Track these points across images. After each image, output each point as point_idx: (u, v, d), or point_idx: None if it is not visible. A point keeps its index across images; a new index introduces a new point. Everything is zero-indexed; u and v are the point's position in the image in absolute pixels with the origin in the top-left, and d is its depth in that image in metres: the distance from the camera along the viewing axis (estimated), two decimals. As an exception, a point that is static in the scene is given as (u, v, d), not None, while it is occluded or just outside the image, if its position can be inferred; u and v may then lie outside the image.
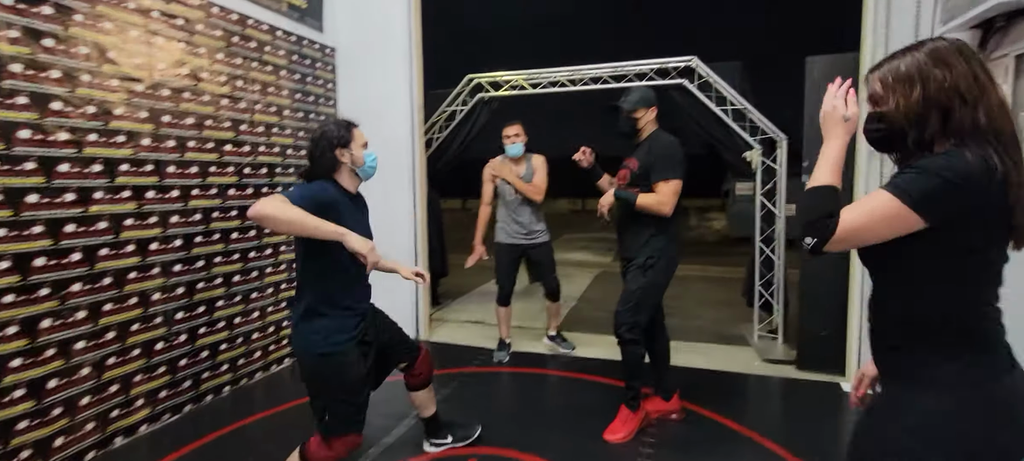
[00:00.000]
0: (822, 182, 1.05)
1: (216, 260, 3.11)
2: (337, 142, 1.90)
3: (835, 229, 0.97)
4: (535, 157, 3.65)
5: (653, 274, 2.55)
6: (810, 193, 1.05)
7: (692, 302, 5.65)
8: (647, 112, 2.63)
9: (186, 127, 2.91)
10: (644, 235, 2.57)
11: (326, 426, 1.86)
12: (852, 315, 3.19)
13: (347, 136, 1.93)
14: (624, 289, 2.63)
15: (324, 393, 1.86)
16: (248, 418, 2.88)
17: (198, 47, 2.97)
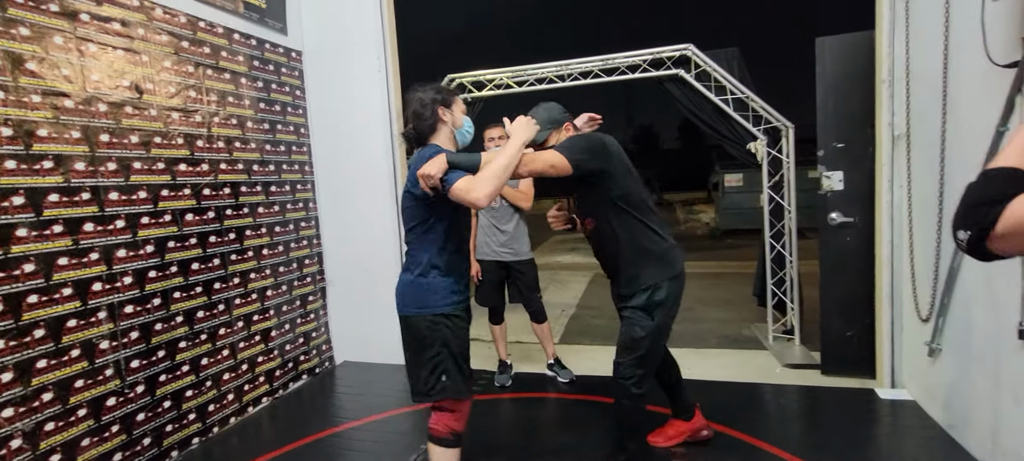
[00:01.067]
0: (1002, 163, 0.76)
1: (176, 295, 2.73)
2: (441, 101, 1.88)
3: (996, 219, 0.70)
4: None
5: (661, 315, 2.13)
6: (982, 177, 0.76)
7: (694, 302, 5.40)
8: (558, 133, 2.22)
9: (130, 146, 2.52)
10: (636, 265, 2.13)
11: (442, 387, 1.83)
12: (881, 312, 2.95)
13: (449, 97, 1.92)
14: (624, 334, 2.16)
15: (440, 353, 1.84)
16: None
17: (140, 54, 2.59)
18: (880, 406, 2.81)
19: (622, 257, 2.13)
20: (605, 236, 2.16)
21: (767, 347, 3.80)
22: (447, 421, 1.89)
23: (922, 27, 2.55)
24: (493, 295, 3.35)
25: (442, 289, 1.85)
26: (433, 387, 1.84)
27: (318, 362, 3.80)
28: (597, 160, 2.00)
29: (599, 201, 2.10)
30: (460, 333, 1.90)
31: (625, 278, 2.16)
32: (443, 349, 1.83)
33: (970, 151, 2.16)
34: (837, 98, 3.09)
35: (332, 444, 2.78)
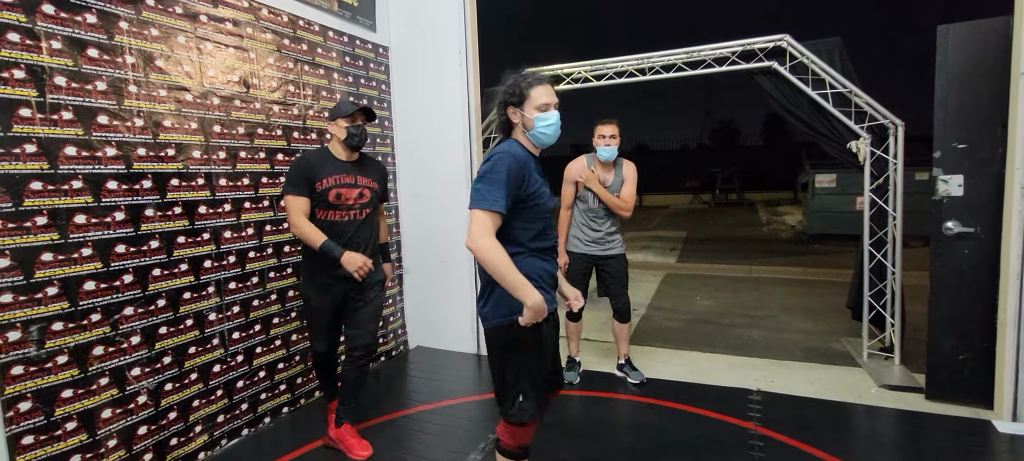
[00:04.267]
0: None
1: (271, 275, 2.95)
2: (507, 100, 1.74)
3: None
4: (626, 164, 3.25)
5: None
6: None
7: (777, 310, 5.08)
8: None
9: (237, 136, 2.75)
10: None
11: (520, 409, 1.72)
12: (1005, 334, 2.62)
13: (520, 94, 1.71)
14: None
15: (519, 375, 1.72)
16: (308, 445, 2.70)
17: (247, 51, 2.81)
18: (997, 440, 2.50)
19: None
20: None
21: (861, 364, 3.50)
22: (517, 436, 1.82)
23: (1075, 11, 2.20)
24: (577, 287, 3.25)
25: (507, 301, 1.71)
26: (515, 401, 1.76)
27: (394, 345, 3.98)
28: None
29: None
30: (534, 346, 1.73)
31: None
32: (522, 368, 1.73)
33: None
34: (961, 93, 2.76)
35: (405, 425, 2.90)
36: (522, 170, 1.65)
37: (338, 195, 2.41)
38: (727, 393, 3.12)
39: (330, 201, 2.40)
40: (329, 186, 2.40)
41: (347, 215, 2.45)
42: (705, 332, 4.46)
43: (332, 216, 2.43)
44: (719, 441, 2.58)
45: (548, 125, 1.71)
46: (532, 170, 1.72)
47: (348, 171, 2.46)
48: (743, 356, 3.82)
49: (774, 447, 2.50)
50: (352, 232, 2.46)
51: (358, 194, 2.47)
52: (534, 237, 1.73)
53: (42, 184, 1.99)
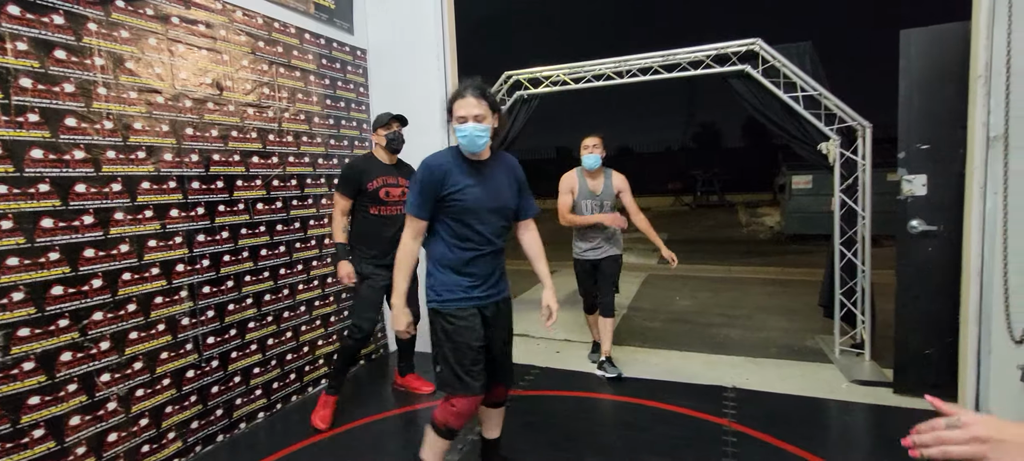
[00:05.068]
0: None
1: (246, 279, 2.93)
2: (447, 110, 1.97)
3: None
4: (615, 174, 3.50)
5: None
6: None
7: (754, 309, 5.17)
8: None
9: (210, 139, 2.73)
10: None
11: (437, 378, 2.01)
12: (967, 330, 2.70)
13: (450, 107, 1.96)
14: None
15: (434, 346, 2.02)
16: (285, 449, 2.67)
17: (221, 53, 2.79)
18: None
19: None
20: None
21: (833, 361, 3.58)
22: (444, 412, 1.99)
23: (1026, 17, 2.30)
24: (587, 287, 3.62)
25: (436, 286, 2.00)
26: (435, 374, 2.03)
27: (374, 348, 3.96)
28: None
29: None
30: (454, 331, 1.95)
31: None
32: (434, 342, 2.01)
33: (1081, 156, 1.93)
34: (923, 95, 2.85)
35: (385, 427, 2.89)
36: (435, 174, 1.90)
37: (387, 193, 2.90)
38: (703, 391, 3.17)
39: (380, 198, 2.89)
40: (379, 186, 2.88)
41: (393, 210, 2.93)
42: (683, 331, 4.52)
43: (383, 211, 2.92)
44: (694, 438, 2.62)
45: (463, 136, 1.91)
46: (454, 172, 1.92)
47: (391, 172, 2.95)
48: (720, 354, 3.88)
49: (747, 443, 2.55)
50: (401, 223, 2.77)
51: (401, 192, 2.94)
52: (454, 234, 1.96)
53: (7, 187, 1.95)
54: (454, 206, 1.91)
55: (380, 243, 2.89)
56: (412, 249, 1.98)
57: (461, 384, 1.94)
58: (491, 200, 1.96)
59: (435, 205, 1.92)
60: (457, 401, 1.95)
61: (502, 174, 2.04)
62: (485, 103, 1.90)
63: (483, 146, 1.93)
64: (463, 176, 1.93)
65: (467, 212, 1.93)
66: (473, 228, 1.94)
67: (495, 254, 2.03)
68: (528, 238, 2.20)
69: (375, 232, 2.92)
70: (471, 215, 1.93)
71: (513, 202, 2.07)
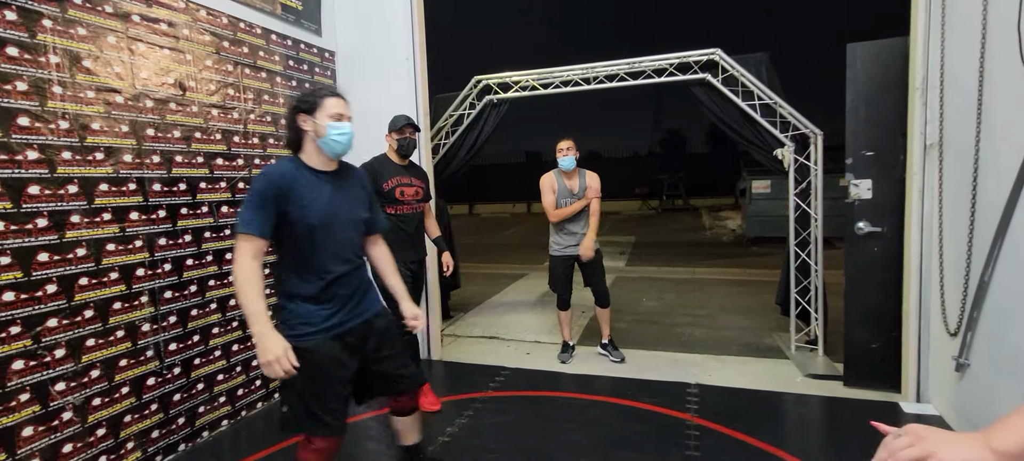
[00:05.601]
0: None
1: (210, 283, 2.86)
2: (299, 106, 1.77)
3: None
4: (588, 173, 3.70)
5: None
6: None
7: (717, 309, 5.35)
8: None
9: (173, 140, 2.66)
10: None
11: (282, 418, 1.78)
12: (908, 324, 2.89)
13: (314, 102, 1.75)
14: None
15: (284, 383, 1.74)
16: (249, 457, 2.62)
17: (184, 53, 2.73)
18: (903, 420, 2.74)
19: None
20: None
21: (789, 356, 3.75)
22: (305, 454, 1.82)
23: (958, 33, 2.49)
24: (563, 284, 3.78)
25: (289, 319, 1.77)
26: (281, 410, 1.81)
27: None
28: None
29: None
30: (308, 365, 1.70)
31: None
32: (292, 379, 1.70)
33: (1005, 162, 2.11)
34: (868, 105, 3.04)
35: (350, 432, 2.87)
36: (277, 187, 1.66)
37: (401, 192, 2.93)
38: (667, 387, 3.27)
39: (396, 198, 2.91)
40: (394, 185, 2.91)
41: (408, 208, 2.97)
42: (650, 331, 4.64)
43: (400, 210, 2.94)
44: (658, 433, 2.71)
45: (341, 134, 1.75)
46: (300, 184, 1.70)
47: (404, 173, 2.98)
48: (684, 353, 4.01)
49: (708, 436, 2.65)
50: (416, 222, 3.00)
51: (414, 191, 2.98)
52: (305, 257, 1.73)
53: (-48, 189, 1.87)
54: (301, 223, 1.69)
55: (400, 241, 2.91)
56: (252, 269, 1.63)
57: (319, 424, 1.75)
58: (344, 214, 1.81)
59: (278, 224, 1.68)
60: (317, 441, 1.78)
61: (352, 186, 1.90)
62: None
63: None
64: (311, 188, 1.72)
65: (318, 229, 1.72)
66: (326, 247, 1.75)
67: (355, 272, 1.86)
68: (378, 252, 2.08)
69: (393, 231, 2.92)
70: (323, 232, 1.73)
71: (365, 215, 1.93)
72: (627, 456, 2.50)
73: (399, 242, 2.96)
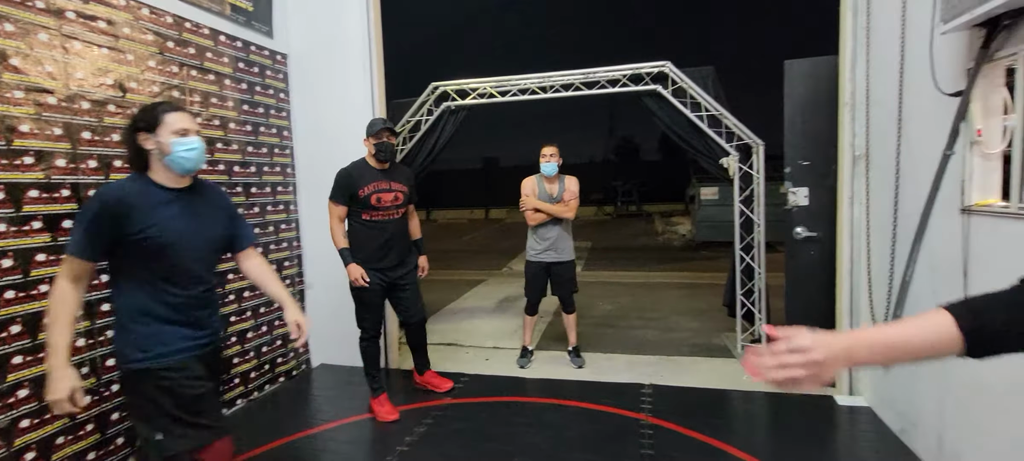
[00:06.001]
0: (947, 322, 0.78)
1: (152, 295, 2.72)
2: (138, 124, 1.68)
3: None
4: (568, 178, 3.78)
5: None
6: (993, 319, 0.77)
7: (669, 311, 5.55)
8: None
9: (112, 144, 2.53)
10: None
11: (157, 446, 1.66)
12: (841, 323, 3.11)
13: (153, 119, 1.67)
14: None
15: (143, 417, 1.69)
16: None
17: (125, 53, 2.60)
18: (838, 412, 2.96)
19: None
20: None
21: (736, 356, 3.94)
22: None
23: (880, 54, 2.71)
24: (533, 289, 3.84)
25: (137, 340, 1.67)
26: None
27: (295, 364, 3.81)
28: None
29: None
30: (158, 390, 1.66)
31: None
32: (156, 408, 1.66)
33: (921, 173, 2.31)
34: (803, 118, 3.25)
35: (305, 446, 2.80)
36: (114, 209, 1.58)
37: (378, 199, 2.96)
38: (622, 389, 3.37)
39: (372, 204, 2.95)
40: (370, 192, 2.94)
41: (386, 215, 3.01)
42: (606, 334, 4.76)
43: (375, 216, 2.99)
44: (614, 433, 2.79)
45: (189, 150, 1.68)
46: (144, 205, 1.63)
47: (382, 178, 2.99)
48: (639, 354, 4.13)
49: (661, 434, 2.75)
50: (392, 229, 3.03)
51: (393, 197, 3.00)
52: (153, 270, 1.67)
53: None
54: (150, 242, 1.62)
55: (374, 248, 2.99)
56: (71, 297, 1.57)
57: (205, 432, 1.71)
58: (197, 232, 1.74)
59: (122, 246, 1.61)
60: (207, 453, 1.72)
61: (207, 202, 1.83)
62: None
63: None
64: (158, 207, 1.66)
65: (169, 248, 1.66)
66: (180, 267, 1.69)
67: (208, 291, 1.81)
68: (252, 265, 1.99)
69: (368, 237, 3.02)
70: (175, 252, 1.67)
71: (226, 231, 1.88)
72: (584, 457, 2.56)
73: (373, 250, 3.01)
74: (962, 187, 2.03)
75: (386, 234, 3.00)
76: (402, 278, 3.12)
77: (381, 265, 3.02)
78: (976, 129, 1.96)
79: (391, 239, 3.02)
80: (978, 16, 1.73)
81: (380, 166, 3.02)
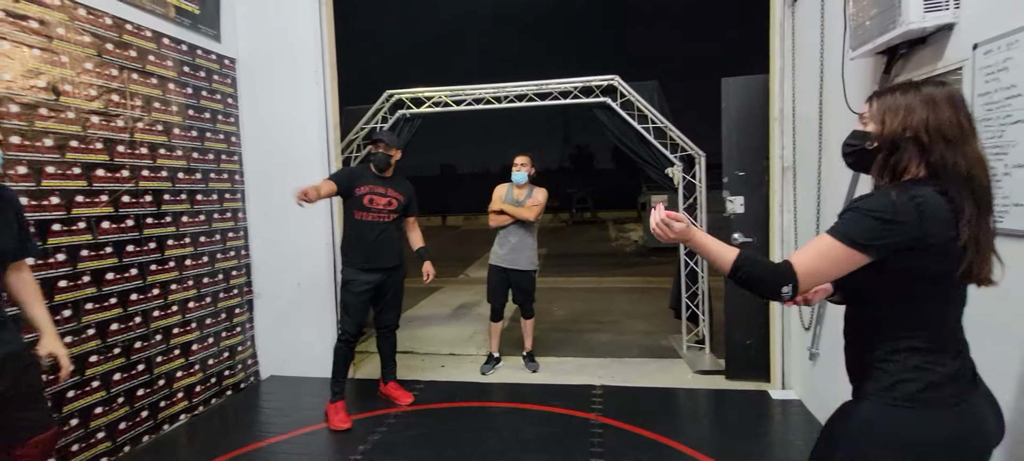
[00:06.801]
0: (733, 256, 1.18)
1: (87, 306, 2.60)
2: None
3: (795, 276, 1.09)
4: (537, 189, 3.88)
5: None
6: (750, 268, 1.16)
7: (621, 315, 5.74)
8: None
9: (43, 149, 2.41)
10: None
11: None
12: (774, 323, 3.34)
13: None
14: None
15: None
16: None
17: (58, 54, 2.49)
18: (772, 406, 3.17)
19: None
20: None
21: (681, 356, 4.13)
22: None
23: (804, 74, 2.96)
24: (496, 295, 3.90)
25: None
26: None
27: (243, 377, 3.70)
28: None
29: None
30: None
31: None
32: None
33: (839, 185, 2.54)
34: (739, 132, 3.48)
35: (253, 458, 2.74)
36: None
37: (371, 200, 3.10)
38: (575, 390, 3.48)
39: (364, 204, 3.09)
40: (364, 192, 3.09)
41: (376, 217, 3.12)
42: (560, 339, 4.87)
43: (364, 217, 3.10)
44: (566, 433, 2.88)
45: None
46: None
47: (380, 183, 3.15)
48: (591, 357, 4.26)
49: (611, 432, 2.87)
50: (379, 232, 3.12)
51: (387, 202, 3.14)
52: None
53: None
54: None
55: (363, 248, 3.10)
56: None
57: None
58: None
59: None
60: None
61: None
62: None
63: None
64: None
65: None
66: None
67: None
68: (20, 280, 1.84)
69: (358, 237, 3.12)
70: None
71: (12, 243, 1.75)
72: (537, 457, 2.63)
73: (362, 249, 3.11)
74: (872, 196, 2.25)
75: (374, 234, 3.10)
76: (386, 283, 3.20)
77: (367, 266, 3.11)
78: (882, 145, 2.18)
79: (379, 241, 3.11)
80: (879, 44, 1.95)
81: (379, 173, 3.16)
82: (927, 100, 1.08)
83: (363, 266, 3.11)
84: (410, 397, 3.40)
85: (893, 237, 1.03)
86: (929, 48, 1.90)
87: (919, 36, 1.86)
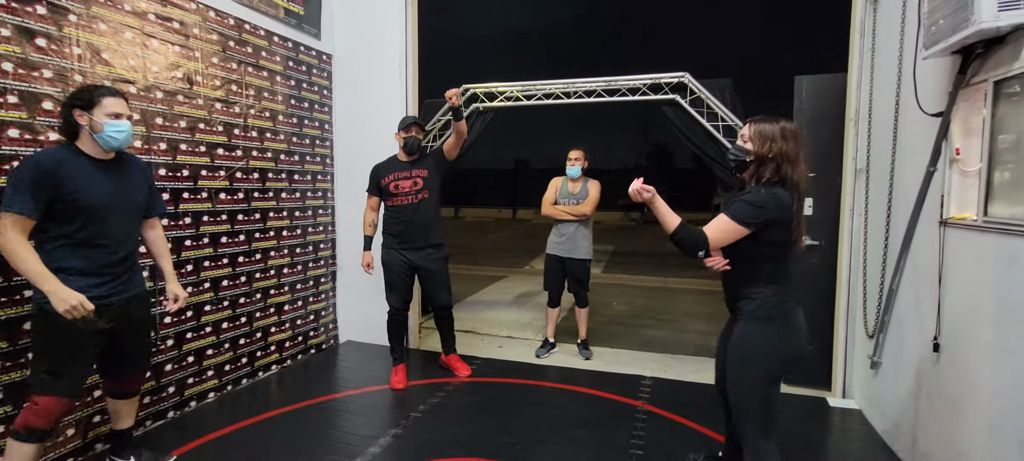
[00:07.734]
0: (676, 224, 1.85)
1: (205, 264, 3.09)
2: (75, 102, 1.92)
3: (707, 243, 1.81)
4: (591, 181, 3.98)
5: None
6: (682, 233, 1.85)
7: (681, 314, 5.69)
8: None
9: (178, 129, 2.90)
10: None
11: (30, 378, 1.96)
12: (838, 330, 3.23)
13: (91, 99, 1.92)
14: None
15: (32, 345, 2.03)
16: (235, 424, 2.85)
17: (193, 50, 2.97)
18: (830, 413, 3.09)
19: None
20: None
21: (740, 358, 4.06)
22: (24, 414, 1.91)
23: (882, 74, 2.85)
24: (552, 283, 4.07)
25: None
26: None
27: (325, 338, 4.15)
28: None
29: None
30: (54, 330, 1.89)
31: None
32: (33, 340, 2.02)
33: (910, 188, 2.45)
34: (811, 132, 3.37)
35: (329, 407, 3.12)
36: (50, 174, 1.82)
37: (396, 186, 3.33)
38: (624, 379, 3.57)
39: (391, 191, 3.34)
40: (390, 180, 3.34)
41: (405, 200, 3.34)
42: (617, 331, 4.95)
43: (395, 202, 3.37)
44: (610, 415, 3.00)
45: (118, 131, 1.95)
46: (72, 173, 1.87)
47: (404, 168, 3.35)
48: (645, 351, 4.31)
49: (654, 419, 2.95)
50: (412, 213, 3.34)
51: (411, 183, 3.33)
52: (78, 229, 1.90)
53: (-17, 162, 2.08)
54: (78, 204, 1.87)
55: (397, 229, 3.37)
56: (24, 243, 1.80)
57: (53, 382, 1.90)
58: (119, 197, 2.00)
59: (50, 204, 1.83)
60: (41, 399, 1.89)
61: (131, 173, 2.10)
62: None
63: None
64: (85, 174, 1.91)
65: (93, 209, 1.91)
66: (101, 227, 1.94)
67: (126, 251, 2.06)
68: (154, 235, 2.29)
69: (391, 220, 3.43)
70: (98, 212, 1.92)
71: (143, 200, 2.15)
72: (578, 433, 2.78)
73: (396, 230, 3.37)
74: (942, 201, 2.17)
75: (405, 217, 3.33)
76: (423, 263, 3.40)
77: (402, 247, 3.38)
78: (955, 148, 2.10)
79: (409, 224, 3.33)
80: (952, 44, 1.89)
81: (408, 158, 3.36)
82: (784, 133, 1.78)
83: (398, 246, 3.37)
84: (468, 369, 3.64)
85: (763, 217, 1.75)
86: (1007, 48, 1.82)
87: (995, 36, 1.79)
